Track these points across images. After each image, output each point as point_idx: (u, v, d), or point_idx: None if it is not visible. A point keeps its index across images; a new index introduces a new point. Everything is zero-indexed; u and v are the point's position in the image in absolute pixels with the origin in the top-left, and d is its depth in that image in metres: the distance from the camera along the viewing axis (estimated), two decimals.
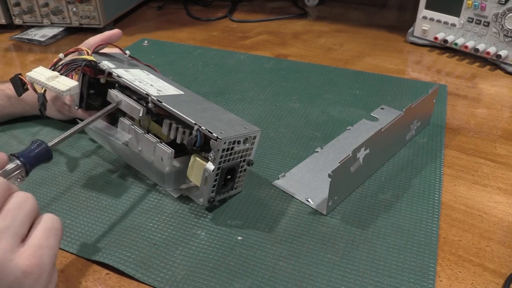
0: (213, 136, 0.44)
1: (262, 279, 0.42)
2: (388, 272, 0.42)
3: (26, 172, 0.37)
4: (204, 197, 0.46)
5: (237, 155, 0.47)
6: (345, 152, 0.47)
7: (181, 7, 1.25)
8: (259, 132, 0.48)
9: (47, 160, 0.39)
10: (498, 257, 0.44)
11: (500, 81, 0.81)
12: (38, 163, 0.38)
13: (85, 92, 0.57)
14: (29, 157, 0.37)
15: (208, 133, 0.44)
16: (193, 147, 0.46)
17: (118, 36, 0.62)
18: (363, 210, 0.50)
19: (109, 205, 0.51)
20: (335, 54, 0.93)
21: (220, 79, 0.81)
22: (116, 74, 0.53)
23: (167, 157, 0.48)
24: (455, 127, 0.66)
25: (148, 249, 0.45)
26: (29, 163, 0.37)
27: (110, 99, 0.54)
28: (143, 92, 0.50)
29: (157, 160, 0.49)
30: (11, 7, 1.01)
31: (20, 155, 0.37)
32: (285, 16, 1.17)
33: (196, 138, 0.45)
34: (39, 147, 0.39)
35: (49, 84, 0.49)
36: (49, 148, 0.39)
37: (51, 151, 0.40)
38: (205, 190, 0.46)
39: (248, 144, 0.48)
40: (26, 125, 0.66)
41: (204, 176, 0.45)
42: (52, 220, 0.33)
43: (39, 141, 0.39)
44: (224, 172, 0.46)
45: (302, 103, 0.72)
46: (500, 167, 0.58)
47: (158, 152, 0.49)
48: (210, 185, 0.46)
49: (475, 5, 0.84)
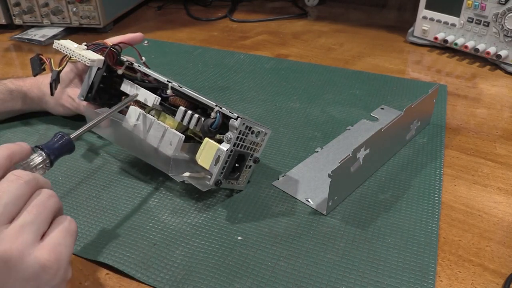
0: (233, 115, 0.46)
1: (262, 279, 0.42)
2: (388, 272, 0.42)
3: (51, 163, 0.38)
4: (212, 177, 0.47)
5: (249, 145, 0.49)
6: (345, 152, 0.47)
7: (181, 7, 1.25)
8: (270, 131, 0.51)
9: (70, 151, 0.40)
10: (498, 257, 0.44)
11: (500, 81, 0.81)
12: (61, 155, 0.39)
13: (96, 84, 0.58)
14: (52, 149, 0.38)
15: (229, 113, 0.47)
16: (209, 128, 0.48)
17: (139, 39, 0.62)
18: (363, 210, 0.50)
19: (109, 205, 0.51)
20: (335, 54, 0.93)
21: (220, 79, 0.81)
22: (137, 65, 0.56)
23: (177, 141, 0.49)
24: (455, 127, 0.66)
25: (148, 249, 0.45)
26: (53, 154, 0.38)
27: (125, 89, 0.55)
28: (164, 80, 0.52)
29: (164, 145, 0.50)
30: (11, 7, 1.01)
31: (44, 146, 0.38)
32: (285, 16, 1.17)
33: (214, 119, 0.47)
34: (62, 139, 0.40)
35: (77, 52, 0.54)
36: (71, 140, 0.40)
37: (73, 143, 0.41)
38: (215, 170, 0.47)
39: (259, 139, 0.50)
40: (26, 124, 0.66)
41: (216, 155, 0.47)
42: (69, 221, 0.34)
43: (62, 133, 0.40)
44: (235, 156, 0.48)
45: (302, 103, 0.72)
46: (500, 167, 0.58)
47: (167, 137, 0.50)
48: (221, 165, 0.47)
49: (475, 5, 0.84)
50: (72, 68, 0.62)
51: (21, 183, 0.32)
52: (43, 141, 0.62)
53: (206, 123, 0.48)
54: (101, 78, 0.57)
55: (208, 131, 0.48)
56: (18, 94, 0.63)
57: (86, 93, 0.58)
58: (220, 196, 0.52)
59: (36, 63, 0.55)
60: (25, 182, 0.33)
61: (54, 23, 1.03)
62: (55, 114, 0.65)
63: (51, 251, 0.32)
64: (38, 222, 0.32)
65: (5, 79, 0.64)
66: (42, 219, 0.32)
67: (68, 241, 0.33)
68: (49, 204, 0.33)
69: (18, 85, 0.63)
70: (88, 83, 0.57)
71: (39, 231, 0.32)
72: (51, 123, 0.66)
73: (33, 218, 0.32)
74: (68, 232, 0.34)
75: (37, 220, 0.32)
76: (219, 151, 0.46)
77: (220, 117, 0.47)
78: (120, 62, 0.57)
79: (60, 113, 0.65)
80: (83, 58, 0.53)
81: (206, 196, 0.52)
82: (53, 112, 0.65)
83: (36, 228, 0.32)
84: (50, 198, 0.34)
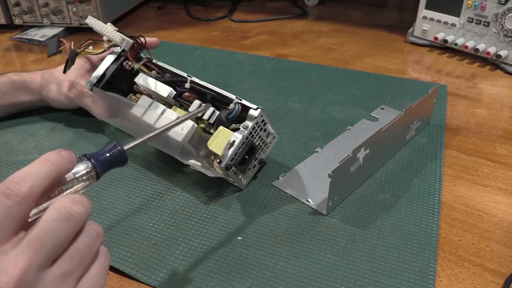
0: (253, 106, 0.49)
1: (262, 279, 0.42)
2: (388, 272, 0.42)
3: (97, 175, 0.32)
4: (224, 160, 0.48)
5: (259, 141, 0.51)
6: (345, 152, 0.47)
7: (181, 7, 1.25)
8: (278, 137, 0.54)
9: (122, 164, 0.35)
10: (498, 257, 0.44)
11: (500, 81, 0.81)
12: (111, 167, 0.34)
13: (108, 75, 0.58)
14: (100, 160, 0.33)
15: (249, 104, 0.50)
16: (226, 117, 0.50)
17: (155, 44, 0.62)
18: (363, 210, 0.50)
19: (109, 205, 0.51)
20: (335, 54, 0.93)
21: (220, 79, 0.81)
22: (155, 60, 0.58)
23: (189, 127, 0.50)
24: (455, 127, 0.66)
25: (148, 249, 0.45)
26: (100, 165, 0.32)
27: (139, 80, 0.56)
28: (184, 74, 0.55)
29: (176, 131, 0.50)
30: (11, 7, 1.01)
31: (92, 156, 0.33)
32: (285, 16, 1.17)
33: (231, 110, 0.50)
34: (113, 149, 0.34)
35: (109, 29, 0.55)
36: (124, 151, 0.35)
37: (126, 155, 0.35)
38: (228, 154, 0.48)
39: (268, 139, 0.53)
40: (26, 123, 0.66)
41: (231, 140, 0.48)
42: (106, 258, 0.31)
43: (115, 142, 0.35)
44: (247, 146, 0.49)
45: (302, 103, 0.72)
46: (500, 167, 0.58)
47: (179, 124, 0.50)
48: (234, 150, 0.48)
49: (475, 5, 0.84)
50: (84, 62, 0.63)
51: (71, 224, 0.28)
52: (44, 141, 0.62)
53: (223, 113, 0.51)
54: (114, 70, 0.57)
55: (224, 120, 0.50)
56: (21, 84, 0.63)
57: (95, 82, 0.58)
58: (220, 196, 0.52)
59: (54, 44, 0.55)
60: (77, 223, 0.28)
61: (54, 23, 1.03)
62: (56, 106, 0.65)
63: None
64: (80, 270, 0.29)
65: (9, 72, 0.64)
66: (84, 266, 0.29)
67: (103, 282, 0.30)
68: (96, 246, 0.30)
69: (21, 76, 0.64)
70: (100, 72, 0.58)
71: (79, 279, 0.29)
72: (52, 122, 0.66)
73: (76, 266, 0.28)
74: (104, 272, 0.30)
75: (79, 268, 0.28)
76: (234, 137, 0.48)
77: (239, 107, 0.50)
78: (139, 58, 0.58)
79: (61, 104, 0.64)
80: (115, 35, 0.55)
81: (206, 196, 0.52)
82: (53, 103, 0.64)
83: (77, 276, 0.29)
84: (98, 239, 0.30)
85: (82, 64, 0.63)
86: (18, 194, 0.27)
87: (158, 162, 0.58)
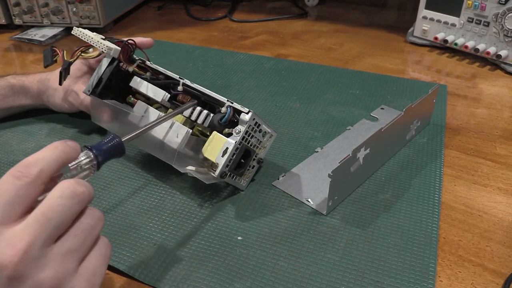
0: (244, 110, 0.48)
1: (262, 279, 0.42)
2: (388, 272, 0.42)
3: (98, 165, 0.36)
4: (218, 168, 0.48)
5: (255, 143, 0.51)
6: (345, 152, 0.47)
7: (181, 7, 1.25)
8: (276, 135, 0.53)
9: (119, 155, 0.38)
10: (498, 257, 0.44)
11: (500, 81, 0.81)
12: (110, 157, 0.37)
13: (104, 79, 0.58)
14: (101, 150, 0.36)
15: (241, 108, 0.48)
16: (219, 121, 0.49)
17: (149, 44, 0.62)
18: (363, 210, 0.50)
19: (109, 205, 0.51)
20: (335, 54, 0.93)
21: (220, 79, 0.81)
22: (149, 62, 0.57)
23: (184, 134, 0.50)
24: (455, 127, 0.66)
25: (148, 249, 0.45)
26: (101, 155, 0.36)
27: (134, 84, 0.56)
28: (176, 76, 0.54)
29: (171, 138, 0.51)
30: (11, 7, 1.01)
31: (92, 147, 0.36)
32: (285, 16, 1.17)
33: (224, 114, 0.49)
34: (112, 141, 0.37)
35: (96, 39, 0.55)
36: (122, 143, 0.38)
37: (123, 146, 0.38)
38: (221, 161, 0.47)
39: (265, 139, 0.52)
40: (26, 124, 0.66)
41: (224, 147, 0.48)
42: (106, 247, 0.32)
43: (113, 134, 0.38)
44: (242, 151, 0.49)
45: (302, 103, 0.72)
46: (500, 167, 0.58)
47: (174, 130, 0.51)
48: (228, 157, 0.47)
49: (475, 5, 0.84)
50: (82, 65, 0.63)
51: (75, 202, 0.29)
52: (44, 141, 0.62)
53: (215, 117, 0.50)
54: (110, 74, 0.57)
55: (217, 125, 0.50)
56: (20, 88, 0.63)
57: (92, 87, 0.58)
58: (220, 196, 0.52)
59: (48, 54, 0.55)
60: (80, 202, 0.30)
61: (54, 23, 1.03)
62: (56, 110, 0.65)
63: (87, 282, 0.30)
64: (83, 249, 0.30)
65: (8, 75, 0.64)
66: (87, 246, 0.30)
67: (103, 269, 0.31)
68: (97, 229, 0.31)
69: (20, 80, 0.64)
70: (96, 78, 0.58)
71: (81, 258, 0.30)
72: (51, 123, 0.66)
73: (79, 245, 0.29)
74: (105, 260, 0.32)
75: (82, 247, 0.30)
76: (227, 143, 0.48)
77: (231, 111, 0.49)
78: (132, 60, 0.58)
79: (62, 108, 0.64)
80: (101, 45, 0.55)
81: (206, 196, 0.52)
82: (54, 107, 0.65)
83: (80, 255, 0.30)
84: (99, 222, 0.31)
85: (80, 67, 0.62)
86: (28, 175, 0.29)
87: (158, 162, 0.58)
